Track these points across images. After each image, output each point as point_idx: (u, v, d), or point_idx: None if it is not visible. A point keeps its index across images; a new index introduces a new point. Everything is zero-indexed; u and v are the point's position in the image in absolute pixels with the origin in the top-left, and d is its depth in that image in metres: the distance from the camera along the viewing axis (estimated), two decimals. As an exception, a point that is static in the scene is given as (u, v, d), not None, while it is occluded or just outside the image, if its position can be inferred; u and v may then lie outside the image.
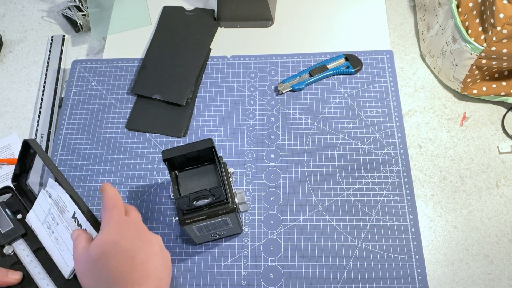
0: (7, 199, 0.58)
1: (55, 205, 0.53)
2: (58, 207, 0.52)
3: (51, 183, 0.53)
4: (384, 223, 0.64)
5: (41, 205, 0.54)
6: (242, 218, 0.64)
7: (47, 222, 0.53)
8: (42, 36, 0.87)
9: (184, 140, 0.72)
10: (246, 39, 0.81)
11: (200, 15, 0.83)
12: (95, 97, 0.77)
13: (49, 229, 0.53)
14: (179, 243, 0.64)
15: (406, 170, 0.67)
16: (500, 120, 0.71)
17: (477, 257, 0.62)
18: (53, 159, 0.72)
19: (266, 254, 0.63)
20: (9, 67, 0.84)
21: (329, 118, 0.72)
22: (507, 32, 0.61)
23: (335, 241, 0.63)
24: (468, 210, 0.65)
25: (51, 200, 0.53)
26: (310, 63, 0.77)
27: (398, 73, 0.77)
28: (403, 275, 0.60)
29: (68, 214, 0.51)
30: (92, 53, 0.84)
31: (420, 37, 0.80)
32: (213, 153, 0.56)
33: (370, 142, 0.69)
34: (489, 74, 0.71)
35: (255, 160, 0.70)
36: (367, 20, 0.81)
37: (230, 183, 0.57)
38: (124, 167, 0.70)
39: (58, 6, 0.91)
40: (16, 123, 0.78)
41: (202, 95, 0.76)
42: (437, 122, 0.72)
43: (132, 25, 0.85)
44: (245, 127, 0.72)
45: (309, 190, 0.67)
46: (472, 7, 0.67)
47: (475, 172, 0.68)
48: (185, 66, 0.77)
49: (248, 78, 0.77)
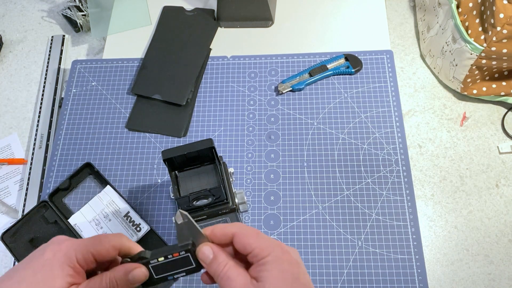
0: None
1: (110, 206, 0.67)
2: (111, 208, 0.66)
3: (106, 190, 0.68)
4: (384, 223, 0.64)
5: (92, 207, 0.67)
6: (242, 218, 0.64)
7: (96, 220, 0.66)
8: (42, 36, 0.87)
9: (184, 140, 0.72)
10: (246, 39, 0.81)
11: (200, 15, 0.83)
12: (95, 97, 0.77)
13: (97, 225, 0.65)
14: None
15: (406, 170, 0.67)
16: (500, 120, 0.71)
17: (477, 257, 0.62)
18: (53, 159, 0.72)
19: (266, 254, 0.63)
20: (9, 67, 0.84)
21: (329, 118, 0.72)
22: (507, 32, 0.61)
23: (335, 241, 0.63)
24: (468, 210, 0.65)
25: (105, 203, 0.67)
26: (310, 63, 0.77)
27: (398, 73, 0.77)
28: (403, 275, 0.60)
29: (121, 213, 0.66)
30: (92, 53, 0.84)
31: (420, 37, 0.80)
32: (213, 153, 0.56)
33: (370, 142, 0.69)
34: (489, 74, 0.71)
35: (255, 160, 0.70)
36: (367, 20, 0.81)
37: (230, 183, 0.57)
38: (124, 167, 0.70)
39: (58, 6, 0.91)
40: (16, 123, 0.78)
41: (202, 95, 0.76)
42: (437, 122, 0.72)
43: (132, 25, 0.85)
44: (245, 127, 0.72)
45: (309, 190, 0.67)
46: (472, 7, 0.67)
47: (475, 172, 0.68)
48: (185, 66, 0.77)
49: (248, 78, 0.77)
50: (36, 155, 0.74)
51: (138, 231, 0.64)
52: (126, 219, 0.65)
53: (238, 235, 0.38)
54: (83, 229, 0.65)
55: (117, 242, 0.41)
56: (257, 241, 0.38)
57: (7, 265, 0.67)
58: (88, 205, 0.67)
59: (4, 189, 0.72)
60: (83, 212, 0.67)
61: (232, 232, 0.39)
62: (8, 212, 0.71)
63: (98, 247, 0.40)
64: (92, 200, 0.67)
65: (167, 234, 0.65)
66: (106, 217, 0.66)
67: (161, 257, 0.41)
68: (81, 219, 0.66)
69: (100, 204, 0.67)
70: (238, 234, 0.38)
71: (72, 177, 0.69)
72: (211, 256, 0.38)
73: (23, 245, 0.65)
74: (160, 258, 0.41)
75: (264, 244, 0.37)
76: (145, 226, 0.64)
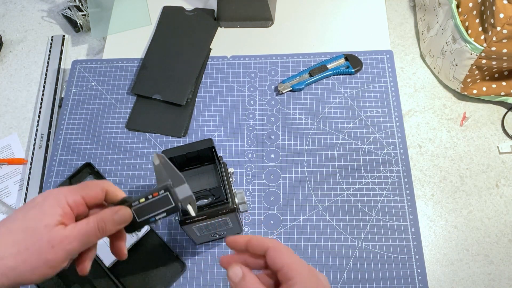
0: None
1: None
2: None
3: None
4: (384, 223, 0.64)
5: None
6: (242, 218, 0.64)
7: None
8: (42, 36, 0.87)
9: (184, 140, 0.72)
10: (246, 39, 0.81)
11: (200, 15, 0.83)
12: (95, 97, 0.77)
13: None
14: (179, 243, 0.64)
15: (406, 170, 0.67)
16: (500, 120, 0.71)
17: (477, 257, 0.62)
18: (53, 159, 0.72)
19: (266, 254, 0.63)
20: (9, 67, 0.84)
21: (329, 118, 0.72)
22: (507, 32, 0.61)
23: (335, 241, 0.63)
24: (468, 210, 0.65)
25: None
26: (310, 63, 0.77)
27: (398, 73, 0.77)
28: (403, 275, 0.60)
29: None
30: (92, 53, 0.84)
31: (420, 37, 0.80)
32: (213, 153, 0.56)
33: (370, 142, 0.69)
34: (489, 74, 0.71)
35: (255, 160, 0.70)
36: (367, 20, 0.81)
37: (230, 183, 0.57)
38: (124, 167, 0.70)
39: (58, 6, 0.91)
40: (16, 123, 0.78)
41: (202, 95, 0.76)
42: (437, 122, 0.72)
43: (132, 25, 0.85)
44: (245, 127, 0.72)
45: (309, 190, 0.67)
46: (472, 7, 0.67)
47: (475, 172, 0.68)
48: (185, 66, 0.77)
49: (248, 78, 0.77)
50: (36, 155, 0.74)
51: (138, 231, 0.64)
52: None
53: (272, 249, 0.39)
54: None
55: (104, 184, 0.44)
56: (289, 259, 0.38)
57: (7, 265, 0.67)
58: None
59: (4, 189, 0.72)
60: None
61: (268, 246, 0.39)
62: (8, 212, 0.71)
63: (87, 190, 0.42)
64: None
65: (167, 234, 0.65)
66: None
67: (142, 198, 0.44)
68: None
69: None
70: (273, 249, 0.39)
71: (72, 177, 0.69)
72: (240, 275, 0.39)
73: None
74: (141, 199, 0.44)
75: (294, 264, 0.38)
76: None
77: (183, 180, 0.44)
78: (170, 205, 0.44)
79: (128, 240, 0.64)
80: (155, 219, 0.44)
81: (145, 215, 0.44)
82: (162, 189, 0.44)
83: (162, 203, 0.44)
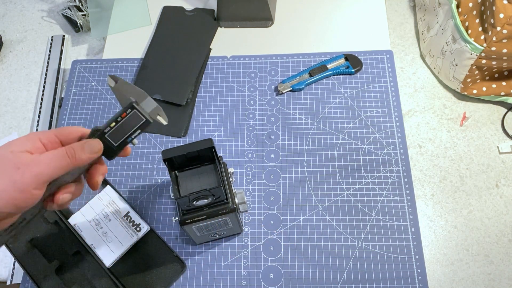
0: None
1: (110, 206, 0.67)
2: (111, 208, 0.66)
3: (106, 190, 0.68)
4: (384, 223, 0.64)
5: (92, 207, 0.67)
6: (242, 218, 0.64)
7: (96, 220, 0.66)
8: (42, 36, 0.87)
9: (184, 140, 0.72)
10: (246, 39, 0.81)
11: (200, 15, 0.83)
12: (95, 97, 0.77)
13: (97, 225, 0.65)
14: (179, 243, 0.64)
15: (406, 170, 0.67)
16: (500, 120, 0.71)
17: (477, 257, 0.62)
18: (53, 159, 0.72)
19: (266, 254, 0.63)
20: (9, 67, 0.84)
21: (329, 118, 0.72)
22: (507, 32, 0.61)
23: (335, 241, 0.63)
24: (468, 210, 0.65)
25: (104, 203, 0.67)
26: (310, 63, 0.77)
27: (398, 73, 0.77)
28: (403, 275, 0.60)
29: (121, 213, 0.66)
30: (92, 53, 0.84)
31: (420, 37, 0.80)
32: (213, 153, 0.56)
33: (370, 142, 0.69)
34: (489, 74, 0.71)
35: (255, 160, 0.70)
36: (367, 20, 0.81)
37: (230, 183, 0.57)
38: (124, 167, 0.70)
39: (58, 6, 0.91)
40: (16, 123, 0.78)
41: (202, 95, 0.76)
42: (437, 122, 0.72)
43: (132, 25, 0.85)
44: (245, 127, 0.72)
45: (309, 190, 0.67)
46: (472, 7, 0.67)
47: (475, 172, 0.68)
48: (185, 66, 0.77)
49: (248, 78, 0.77)
50: (36, 155, 0.74)
51: (138, 231, 0.64)
52: (126, 219, 0.65)
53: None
54: (83, 229, 0.65)
55: (80, 128, 0.45)
56: None
57: (7, 265, 0.67)
58: (88, 205, 0.67)
59: (4, 189, 0.72)
60: (83, 212, 0.66)
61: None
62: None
63: (61, 130, 0.44)
64: (92, 200, 0.67)
65: (167, 234, 0.65)
66: (106, 217, 0.66)
67: (112, 123, 0.44)
68: (81, 219, 0.66)
69: (100, 204, 0.67)
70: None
71: None
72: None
73: (23, 245, 0.65)
74: (112, 123, 0.44)
75: None
76: (145, 226, 0.64)
77: (145, 94, 0.45)
78: (141, 120, 0.45)
79: (128, 240, 0.64)
80: (131, 139, 0.45)
81: (121, 138, 0.45)
82: (128, 108, 0.45)
83: (133, 121, 0.45)
